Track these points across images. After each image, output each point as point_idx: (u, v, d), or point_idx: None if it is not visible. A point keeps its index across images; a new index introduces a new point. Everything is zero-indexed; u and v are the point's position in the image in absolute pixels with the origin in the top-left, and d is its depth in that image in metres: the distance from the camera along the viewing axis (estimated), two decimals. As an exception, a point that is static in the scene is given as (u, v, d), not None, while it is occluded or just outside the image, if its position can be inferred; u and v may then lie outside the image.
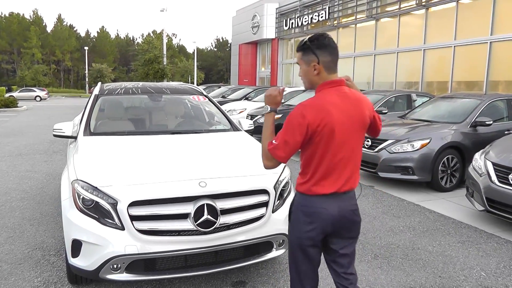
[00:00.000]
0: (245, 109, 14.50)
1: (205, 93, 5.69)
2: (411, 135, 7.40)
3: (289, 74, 31.26)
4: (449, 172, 7.31)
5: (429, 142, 7.17)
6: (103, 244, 3.10)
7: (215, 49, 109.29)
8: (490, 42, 15.51)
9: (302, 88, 17.28)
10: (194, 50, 51.58)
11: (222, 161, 3.83)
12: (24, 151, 11.01)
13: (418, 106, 9.81)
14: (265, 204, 3.50)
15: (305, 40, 2.48)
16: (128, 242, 3.09)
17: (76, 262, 3.26)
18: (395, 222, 5.65)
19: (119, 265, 3.13)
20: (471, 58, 16.56)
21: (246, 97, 17.93)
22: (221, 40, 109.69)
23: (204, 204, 3.20)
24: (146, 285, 3.79)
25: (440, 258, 4.51)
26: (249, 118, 12.32)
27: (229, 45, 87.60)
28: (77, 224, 3.20)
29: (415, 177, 7.17)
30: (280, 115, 12.26)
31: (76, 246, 3.23)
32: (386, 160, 7.34)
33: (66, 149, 11.14)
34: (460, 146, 7.34)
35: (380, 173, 7.45)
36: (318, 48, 2.43)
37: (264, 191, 3.49)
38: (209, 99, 5.59)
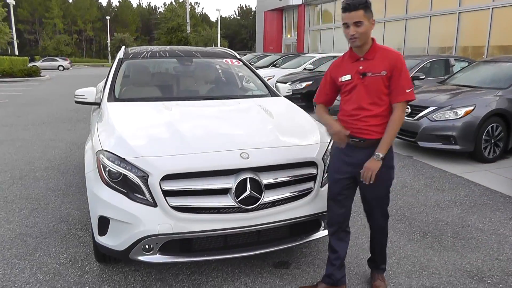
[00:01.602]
0: (273, 76, 14.02)
1: (238, 56, 5.26)
2: (454, 102, 6.89)
3: (316, 41, 30.43)
4: (492, 141, 6.82)
5: (473, 109, 6.67)
6: (133, 222, 2.77)
7: (238, 18, 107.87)
8: (533, 2, 14.62)
9: (332, 54, 16.78)
10: (218, 18, 50.71)
11: (264, 129, 3.39)
12: (48, 119, 10.85)
13: (459, 71, 9.22)
14: (313, 178, 3.12)
15: None
16: (162, 220, 2.75)
17: (103, 240, 2.96)
18: (439, 196, 5.26)
19: (151, 246, 2.81)
20: (511, 20, 15.63)
21: (273, 64, 17.42)
22: (244, 8, 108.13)
23: (246, 178, 2.83)
24: (180, 264, 3.49)
25: (493, 237, 4.13)
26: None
27: (252, 13, 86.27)
28: (103, 199, 2.88)
29: (457, 147, 6.70)
30: (311, 82, 11.90)
31: (103, 223, 2.92)
32: (426, 129, 6.87)
33: (90, 117, 11.04)
34: (505, 114, 6.82)
35: (419, 143, 6.99)
36: (371, 5, 2.72)
37: (312, 163, 3.11)
38: (243, 63, 5.16)
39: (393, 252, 3.78)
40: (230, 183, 2.82)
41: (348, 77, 2.81)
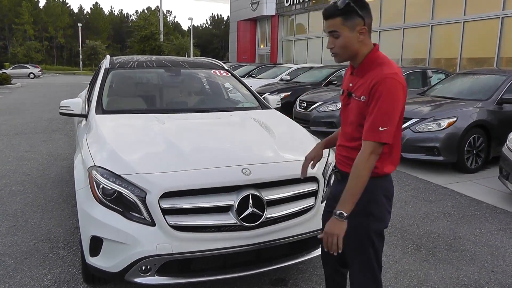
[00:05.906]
0: (251, 86, 13.87)
1: (226, 67, 5.16)
2: (437, 113, 6.95)
3: (289, 51, 30.53)
4: (474, 152, 6.91)
5: (456, 121, 6.75)
6: (130, 243, 2.61)
7: (210, 27, 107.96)
8: (502, 18, 15.00)
9: (308, 65, 16.82)
10: (191, 27, 50.41)
11: (263, 144, 3.28)
12: (22, 130, 10.47)
13: (438, 82, 9.35)
14: (314, 194, 3.04)
15: (345, 1, 2.03)
16: (161, 240, 2.61)
17: (95, 262, 2.78)
18: (428, 208, 5.25)
19: (149, 267, 2.66)
20: (481, 34, 16.06)
21: (250, 75, 17.35)
22: (216, 18, 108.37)
23: (248, 195, 2.72)
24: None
25: (485, 248, 4.13)
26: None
27: (224, 22, 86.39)
28: (96, 218, 2.71)
29: (440, 158, 6.75)
30: (289, 93, 11.82)
31: (96, 243, 2.74)
32: (410, 140, 6.89)
33: (65, 127, 10.76)
34: (486, 125, 6.94)
35: (403, 154, 7.00)
36: (363, 8, 2.07)
37: (313, 179, 3.02)
38: (232, 74, 5.06)
39: (390, 266, 3.71)
40: (231, 200, 2.71)
41: (341, 91, 2.31)
